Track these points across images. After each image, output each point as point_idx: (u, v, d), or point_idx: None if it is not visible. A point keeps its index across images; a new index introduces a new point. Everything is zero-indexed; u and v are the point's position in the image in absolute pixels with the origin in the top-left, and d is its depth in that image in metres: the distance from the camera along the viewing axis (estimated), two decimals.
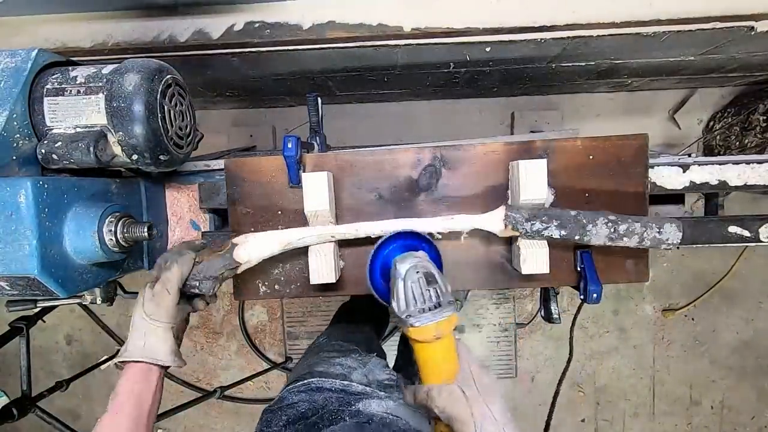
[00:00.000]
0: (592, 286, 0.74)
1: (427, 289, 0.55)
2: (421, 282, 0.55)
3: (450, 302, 0.55)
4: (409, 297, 0.55)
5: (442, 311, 0.54)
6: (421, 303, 0.54)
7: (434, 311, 0.54)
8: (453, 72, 1.39)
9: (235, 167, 0.81)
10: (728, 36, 1.09)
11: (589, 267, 0.75)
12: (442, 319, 0.53)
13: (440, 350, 0.55)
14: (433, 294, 0.54)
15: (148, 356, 0.60)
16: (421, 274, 0.56)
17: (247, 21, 1.05)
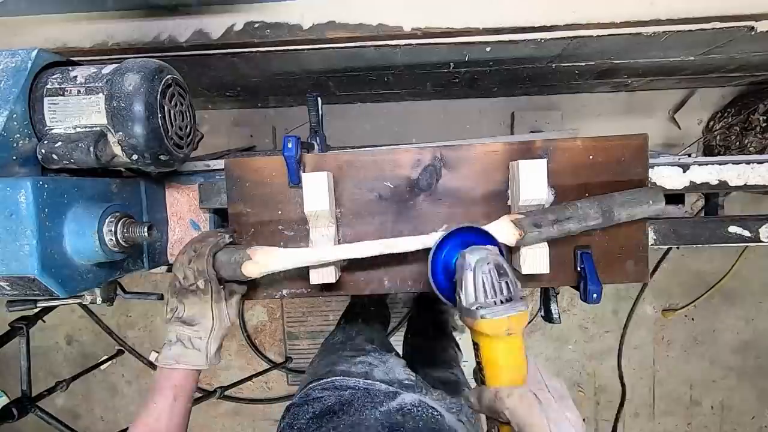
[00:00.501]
0: (592, 286, 0.74)
1: (499, 281, 0.52)
2: (492, 274, 0.52)
3: (522, 298, 0.52)
4: (479, 288, 0.52)
5: (515, 305, 0.51)
6: (492, 295, 0.51)
7: (507, 304, 0.50)
8: (453, 72, 1.39)
9: (235, 167, 0.81)
10: (728, 36, 1.09)
11: (589, 267, 0.75)
12: (515, 314, 0.50)
13: (510, 348, 0.52)
14: (505, 287, 0.51)
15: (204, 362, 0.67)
16: (492, 266, 0.52)
17: (247, 21, 1.05)
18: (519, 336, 0.52)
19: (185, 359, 0.64)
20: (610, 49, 1.23)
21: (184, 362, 0.64)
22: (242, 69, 1.27)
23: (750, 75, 1.60)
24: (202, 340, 0.65)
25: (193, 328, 0.65)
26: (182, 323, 0.65)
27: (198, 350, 0.65)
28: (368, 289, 0.81)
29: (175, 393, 0.63)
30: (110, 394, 2.30)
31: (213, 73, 1.30)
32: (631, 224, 0.77)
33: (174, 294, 0.67)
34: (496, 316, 0.50)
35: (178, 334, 0.65)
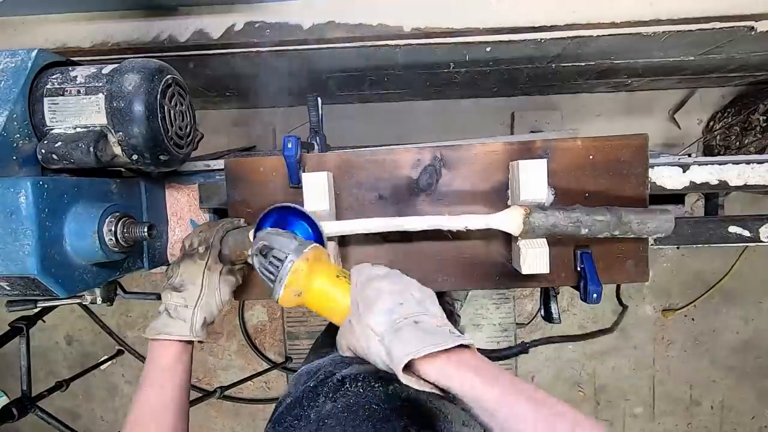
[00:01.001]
0: (592, 286, 0.74)
1: (269, 261, 0.55)
2: (261, 261, 0.56)
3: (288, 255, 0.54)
4: (264, 280, 0.55)
5: (283, 272, 0.53)
6: (271, 278, 0.54)
7: (278, 277, 0.53)
8: (453, 72, 1.39)
9: (235, 167, 0.81)
10: (728, 36, 1.09)
11: (589, 267, 0.75)
12: (286, 279, 0.53)
13: (316, 299, 0.55)
14: (273, 262, 0.54)
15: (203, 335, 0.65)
16: (257, 254, 0.56)
17: (247, 21, 1.05)
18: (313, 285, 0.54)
19: (168, 329, 0.62)
20: (610, 49, 1.23)
21: (166, 332, 0.61)
22: (242, 69, 1.27)
23: (750, 75, 1.60)
24: (188, 309, 0.63)
25: (181, 294, 0.63)
26: (172, 289, 0.64)
27: (183, 320, 0.62)
28: None
29: (165, 364, 0.61)
30: (110, 394, 2.30)
31: (213, 73, 1.30)
32: None
33: (175, 262, 0.67)
34: (279, 294, 0.53)
35: (166, 304, 0.64)
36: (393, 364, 0.44)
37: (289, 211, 0.71)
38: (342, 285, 0.55)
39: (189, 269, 0.65)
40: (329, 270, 0.56)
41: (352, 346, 0.51)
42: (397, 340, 0.45)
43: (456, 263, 0.81)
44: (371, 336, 0.47)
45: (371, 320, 0.48)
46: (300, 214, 0.71)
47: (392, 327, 0.47)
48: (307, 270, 0.54)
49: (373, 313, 0.48)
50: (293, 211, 0.71)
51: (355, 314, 0.50)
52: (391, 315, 0.48)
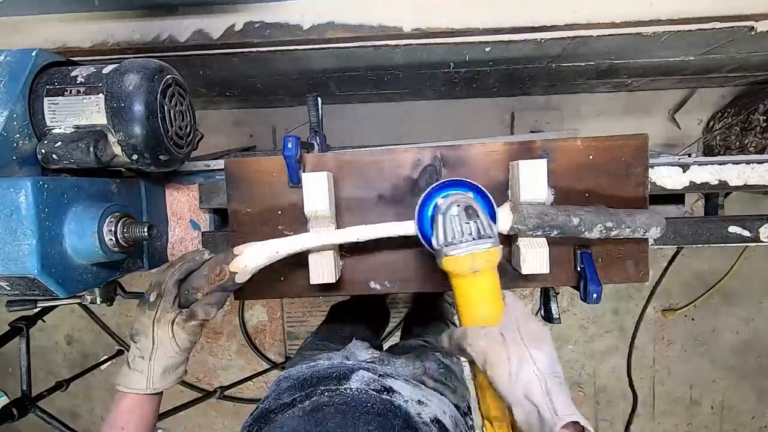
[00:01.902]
0: (592, 286, 0.74)
1: (467, 222, 0.53)
2: (461, 215, 0.53)
3: (491, 237, 0.52)
4: (447, 229, 0.53)
5: (480, 243, 0.51)
6: (459, 235, 0.52)
7: (472, 242, 0.51)
8: (453, 72, 1.39)
9: (235, 167, 0.81)
10: (728, 36, 1.09)
11: (589, 267, 0.75)
12: (479, 251, 0.51)
13: (479, 287, 0.52)
14: (473, 228, 0.52)
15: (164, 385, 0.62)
16: (461, 208, 0.54)
17: (247, 21, 1.05)
18: (487, 275, 0.53)
19: (125, 381, 0.60)
20: (610, 49, 1.23)
21: (123, 384, 0.60)
22: (242, 69, 1.27)
23: (750, 75, 1.60)
24: (144, 360, 0.60)
25: (136, 345, 0.62)
26: (131, 338, 0.63)
27: (140, 372, 0.60)
28: (367, 289, 0.81)
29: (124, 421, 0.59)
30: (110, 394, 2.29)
31: (213, 73, 1.30)
32: None
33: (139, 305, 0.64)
34: (458, 253, 0.51)
35: (129, 352, 0.62)
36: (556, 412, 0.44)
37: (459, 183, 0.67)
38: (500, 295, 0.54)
39: (140, 319, 0.62)
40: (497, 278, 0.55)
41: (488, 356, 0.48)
42: (562, 394, 0.46)
43: None
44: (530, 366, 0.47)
45: (536, 354, 0.47)
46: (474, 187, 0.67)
47: (554, 376, 0.47)
48: (495, 261, 0.53)
49: (540, 350, 0.48)
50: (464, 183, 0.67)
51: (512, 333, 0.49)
52: (553, 366, 0.48)
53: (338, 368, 0.75)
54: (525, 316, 0.52)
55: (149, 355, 0.61)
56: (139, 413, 0.60)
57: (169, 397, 2.16)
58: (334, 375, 0.72)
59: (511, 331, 0.49)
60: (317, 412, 0.60)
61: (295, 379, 0.75)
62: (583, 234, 0.69)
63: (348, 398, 0.63)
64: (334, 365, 0.77)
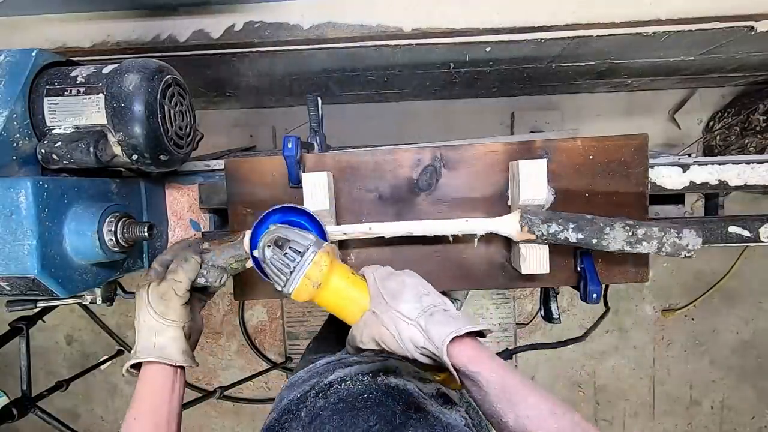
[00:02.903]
0: (592, 286, 0.74)
1: (284, 253, 0.54)
2: (275, 252, 0.55)
3: (309, 246, 0.54)
4: (276, 272, 0.54)
5: (303, 262, 0.53)
6: (287, 270, 0.54)
7: (297, 267, 0.53)
8: (453, 72, 1.39)
9: (235, 167, 0.81)
10: (728, 36, 1.09)
11: (589, 267, 0.75)
12: (307, 270, 0.53)
13: (333, 293, 0.54)
14: (291, 254, 0.54)
15: (160, 356, 0.60)
16: (272, 246, 0.55)
17: (247, 21, 1.05)
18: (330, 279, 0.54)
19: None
20: (610, 49, 1.23)
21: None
22: (242, 69, 1.27)
23: (750, 75, 1.60)
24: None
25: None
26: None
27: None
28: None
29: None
30: (110, 394, 2.30)
31: (213, 73, 1.30)
32: None
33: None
34: (296, 286, 0.53)
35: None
36: (435, 343, 0.47)
37: (290, 212, 0.70)
38: (357, 281, 0.55)
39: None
40: (344, 268, 0.56)
41: (377, 336, 0.51)
42: (434, 323, 0.49)
43: (456, 263, 0.81)
44: (402, 321, 0.50)
45: (401, 307, 0.50)
46: (302, 214, 0.70)
47: (425, 312, 0.50)
48: (328, 263, 0.54)
49: (402, 301, 0.51)
50: (295, 211, 0.70)
51: (379, 304, 0.52)
52: (421, 302, 0.51)
53: (333, 363, 0.76)
54: (382, 279, 0.54)
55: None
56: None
57: None
58: (327, 369, 0.74)
59: (378, 304, 0.52)
60: (315, 420, 0.60)
61: (293, 386, 0.75)
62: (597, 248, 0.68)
63: (343, 394, 0.63)
64: (331, 361, 0.78)
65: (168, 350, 0.60)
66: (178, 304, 0.61)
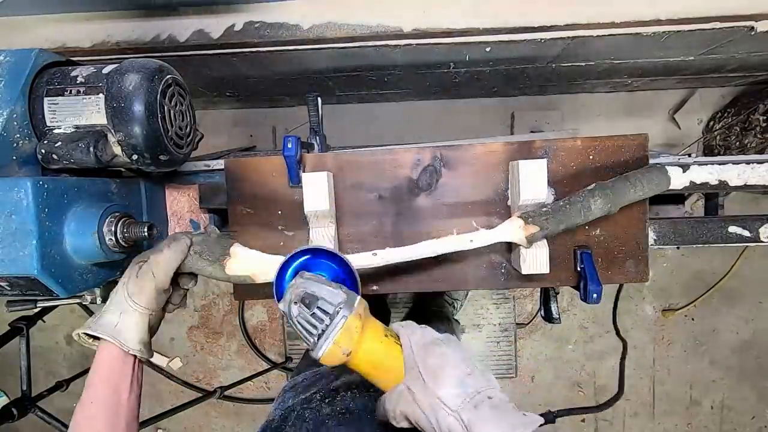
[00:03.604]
0: (592, 286, 0.74)
1: (311, 313, 0.50)
2: (302, 311, 0.50)
3: (340, 309, 0.50)
4: (304, 334, 0.50)
5: (333, 327, 0.49)
6: (315, 333, 0.49)
7: (326, 332, 0.49)
8: (453, 72, 1.39)
9: (235, 167, 0.81)
10: (728, 36, 1.09)
11: (589, 267, 0.75)
12: (336, 336, 0.48)
13: (363, 360, 0.50)
14: (319, 314, 0.50)
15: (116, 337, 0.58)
16: (299, 304, 0.51)
17: (247, 21, 1.05)
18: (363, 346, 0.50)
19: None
20: (610, 49, 1.23)
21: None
22: (242, 69, 1.27)
23: (750, 75, 1.60)
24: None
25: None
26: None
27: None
28: (368, 290, 0.81)
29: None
30: None
31: (213, 73, 1.30)
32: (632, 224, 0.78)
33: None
34: (324, 350, 0.49)
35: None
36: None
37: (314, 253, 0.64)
38: (392, 346, 0.51)
39: None
40: (377, 328, 0.52)
41: (412, 417, 0.47)
42: (481, 419, 0.43)
43: (455, 263, 0.81)
44: (442, 410, 0.44)
45: (442, 392, 0.45)
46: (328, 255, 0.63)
47: (469, 402, 0.44)
48: (360, 328, 0.50)
49: (444, 384, 0.45)
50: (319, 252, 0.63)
51: (416, 382, 0.46)
52: (465, 388, 0.45)
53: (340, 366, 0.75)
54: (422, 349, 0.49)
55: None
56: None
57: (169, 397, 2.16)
58: (333, 372, 0.73)
59: (413, 380, 0.47)
60: (321, 427, 0.60)
61: (304, 381, 0.75)
62: (590, 218, 0.68)
63: (349, 403, 0.62)
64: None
65: (125, 335, 0.59)
66: (153, 288, 0.59)
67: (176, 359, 2.21)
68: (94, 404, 0.55)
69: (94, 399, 0.56)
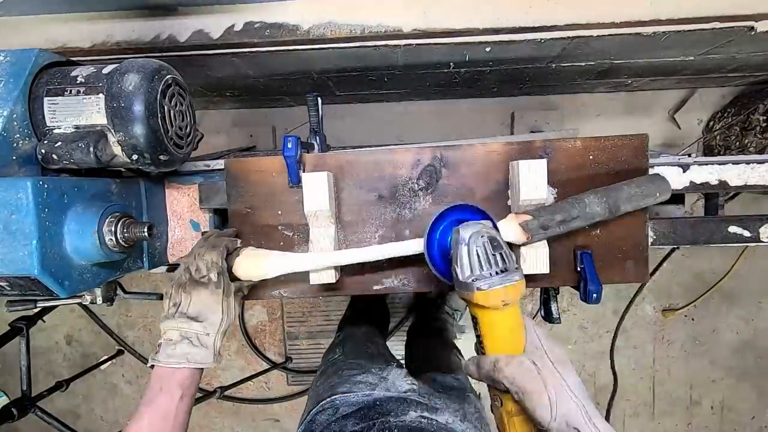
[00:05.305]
0: (592, 286, 0.74)
1: (494, 253, 0.52)
2: (486, 246, 0.52)
3: (517, 269, 0.53)
4: (474, 261, 0.52)
5: (511, 275, 0.51)
6: (487, 267, 0.52)
7: (502, 275, 0.51)
8: (453, 72, 1.39)
9: (235, 167, 0.81)
10: (728, 36, 1.09)
11: (589, 267, 0.75)
12: (510, 284, 0.51)
13: (508, 318, 0.53)
14: (500, 259, 0.52)
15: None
16: (486, 239, 0.53)
17: (247, 21, 1.05)
18: (515, 306, 0.53)
19: (194, 357, 0.62)
20: (610, 49, 1.23)
21: (193, 361, 0.62)
22: (242, 69, 1.27)
23: (750, 75, 1.60)
24: (209, 337, 0.63)
25: (201, 324, 0.63)
26: (187, 318, 0.63)
27: (206, 347, 0.63)
28: (369, 290, 0.81)
29: (182, 392, 0.61)
30: (110, 394, 2.30)
31: (213, 73, 1.30)
32: (632, 224, 0.77)
33: (179, 287, 0.65)
34: (492, 287, 0.51)
35: (183, 332, 0.62)
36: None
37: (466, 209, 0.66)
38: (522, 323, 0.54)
39: (206, 300, 0.64)
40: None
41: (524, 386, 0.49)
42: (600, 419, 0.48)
43: None
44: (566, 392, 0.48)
45: (570, 380, 0.49)
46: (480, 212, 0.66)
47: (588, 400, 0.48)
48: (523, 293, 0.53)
49: (571, 375, 0.50)
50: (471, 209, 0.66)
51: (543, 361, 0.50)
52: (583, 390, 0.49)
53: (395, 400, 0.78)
54: (547, 340, 0.53)
55: (216, 330, 0.64)
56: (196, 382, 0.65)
57: None
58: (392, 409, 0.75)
59: (540, 358, 0.50)
60: None
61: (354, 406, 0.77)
62: (589, 222, 0.69)
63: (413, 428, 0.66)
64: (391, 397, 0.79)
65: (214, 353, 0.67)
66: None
67: None
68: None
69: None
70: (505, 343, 0.53)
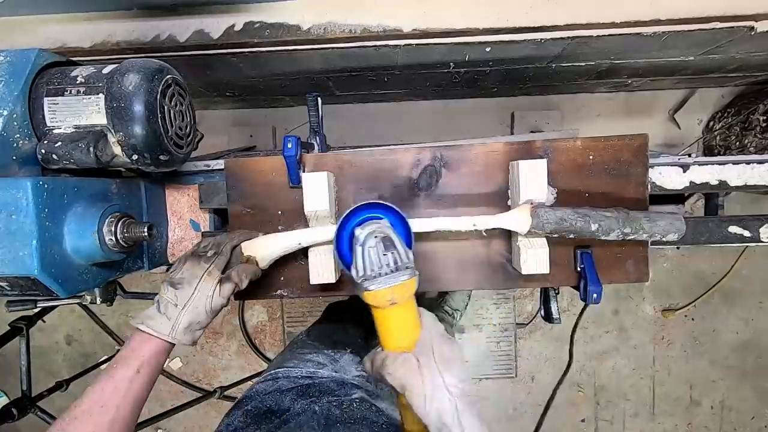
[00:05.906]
0: (592, 286, 0.74)
1: (385, 254, 0.54)
2: (378, 247, 0.54)
3: (408, 268, 0.54)
4: (366, 262, 0.54)
5: (398, 275, 0.53)
6: (378, 268, 0.54)
7: (390, 275, 0.53)
8: (453, 72, 1.39)
9: (235, 167, 0.81)
10: (728, 36, 1.09)
11: (589, 267, 0.75)
12: (397, 284, 0.53)
13: (397, 316, 0.54)
14: (391, 259, 0.54)
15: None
16: (379, 240, 0.55)
17: (247, 21, 1.05)
18: (405, 305, 0.54)
19: (152, 323, 0.59)
20: (610, 49, 1.23)
21: (149, 326, 0.59)
22: (242, 69, 1.27)
23: (750, 75, 1.60)
24: (176, 308, 0.60)
25: (175, 292, 0.61)
26: (170, 284, 0.62)
27: (168, 318, 0.60)
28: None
29: (139, 364, 0.58)
30: None
31: (213, 73, 1.30)
32: None
33: (182, 257, 0.66)
34: (379, 287, 0.53)
35: (160, 296, 0.62)
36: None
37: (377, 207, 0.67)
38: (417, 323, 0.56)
39: (191, 269, 0.63)
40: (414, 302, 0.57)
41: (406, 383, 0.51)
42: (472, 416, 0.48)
43: (456, 263, 0.81)
44: (442, 389, 0.49)
45: (448, 378, 0.50)
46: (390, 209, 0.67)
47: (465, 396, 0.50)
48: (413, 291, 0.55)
49: (451, 372, 0.51)
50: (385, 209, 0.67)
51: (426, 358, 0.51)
52: (464, 384, 0.50)
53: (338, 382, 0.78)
54: (440, 337, 0.54)
55: (183, 304, 0.61)
56: (155, 361, 0.60)
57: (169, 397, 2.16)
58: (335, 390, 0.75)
59: (425, 356, 0.52)
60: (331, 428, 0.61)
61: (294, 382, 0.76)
62: (599, 237, 0.68)
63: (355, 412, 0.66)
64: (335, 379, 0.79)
65: (188, 338, 0.63)
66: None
67: (176, 359, 2.21)
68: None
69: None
70: (396, 340, 0.55)
